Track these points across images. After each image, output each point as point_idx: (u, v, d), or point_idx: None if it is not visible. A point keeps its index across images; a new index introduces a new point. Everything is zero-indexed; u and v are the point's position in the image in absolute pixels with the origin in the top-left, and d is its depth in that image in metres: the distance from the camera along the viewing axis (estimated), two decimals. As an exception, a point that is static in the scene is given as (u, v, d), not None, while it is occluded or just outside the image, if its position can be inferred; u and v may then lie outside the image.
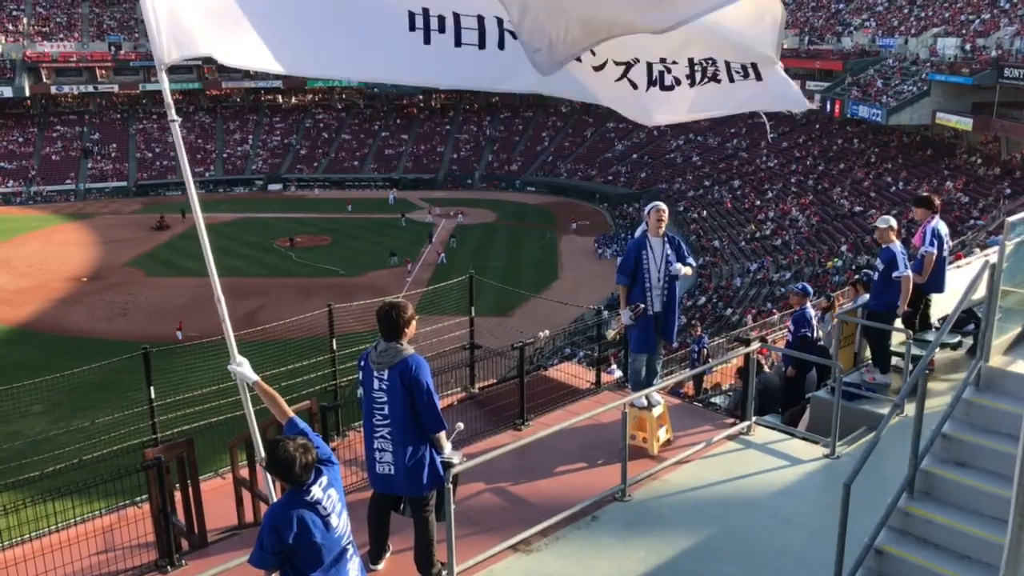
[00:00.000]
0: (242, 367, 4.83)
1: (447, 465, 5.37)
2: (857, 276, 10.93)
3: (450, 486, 5.34)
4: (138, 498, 6.80)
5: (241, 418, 8.59)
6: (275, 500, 4.42)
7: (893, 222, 8.71)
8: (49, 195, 66.45)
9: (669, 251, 7.49)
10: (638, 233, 7.73)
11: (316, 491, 3.94)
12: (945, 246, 8.91)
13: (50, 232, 54.56)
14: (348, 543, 4.12)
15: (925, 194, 9.37)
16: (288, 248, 50.23)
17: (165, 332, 33.32)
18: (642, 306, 7.50)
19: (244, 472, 6.89)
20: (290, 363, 9.33)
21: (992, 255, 6.87)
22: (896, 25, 58.95)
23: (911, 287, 8.35)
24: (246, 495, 6.75)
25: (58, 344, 32.99)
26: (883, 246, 8.66)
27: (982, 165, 44.15)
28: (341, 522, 4.06)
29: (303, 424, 4.39)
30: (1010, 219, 5.82)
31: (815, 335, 9.72)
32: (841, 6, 67.04)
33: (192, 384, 9.80)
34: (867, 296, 9.33)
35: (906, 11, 60.16)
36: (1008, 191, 38.96)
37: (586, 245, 50.74)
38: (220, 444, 7.56)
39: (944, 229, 8.90)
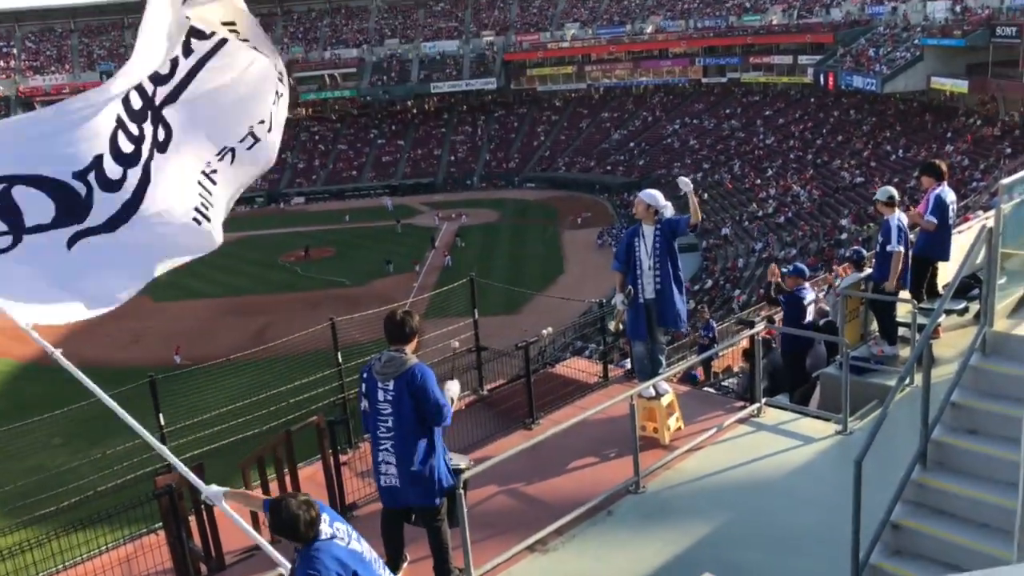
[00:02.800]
0: (211, 491, 4.81)
1: (456, 471, 5.37)
2: (848, 254, 10.77)
3: (461, 491, 5.33)
4: (155, 525, 6.82)
5: (252, 438, 8.62)
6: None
7: (893, 193, 8.63)
8: (52, 228, 66.66)
9: (659, 240, 7.47)
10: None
11: (324, 528, 3.91)
12: (950, 213, 8.81)
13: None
14: (377, 563, 4.13)
15: (932, 161, 9.22)
16: (301, 260, 50.23)
17: (185, 355, 33.53)
18: (629, 288, 7.56)
19: (258, 491, 6.90)
20: (297, 379, 9.33)
21: (991, 218, 6.81)
22: (884, -8, 58.71)
23: (901, 261, 8.27)
24: (261, 515, 6.74)
25: (72, 376, 33.06)
26: (884, 218, 8.59)
27: (982, 127, 43.88)
28: (364, 547, 4.06)
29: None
30: (1005, 182, 5.78)
31: (807, 318, 9.52)
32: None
33: (203, 406, 9.82)
34: (858, 274, 9.28)
35: (893, -23, 59.88)
36: (1008, 151, 38.72)
37: (589, 238, 50.64)
38: (232, 465, 7.57)
39: (951, 196, 8.75)
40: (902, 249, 8.26)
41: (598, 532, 6.28)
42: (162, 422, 7.75)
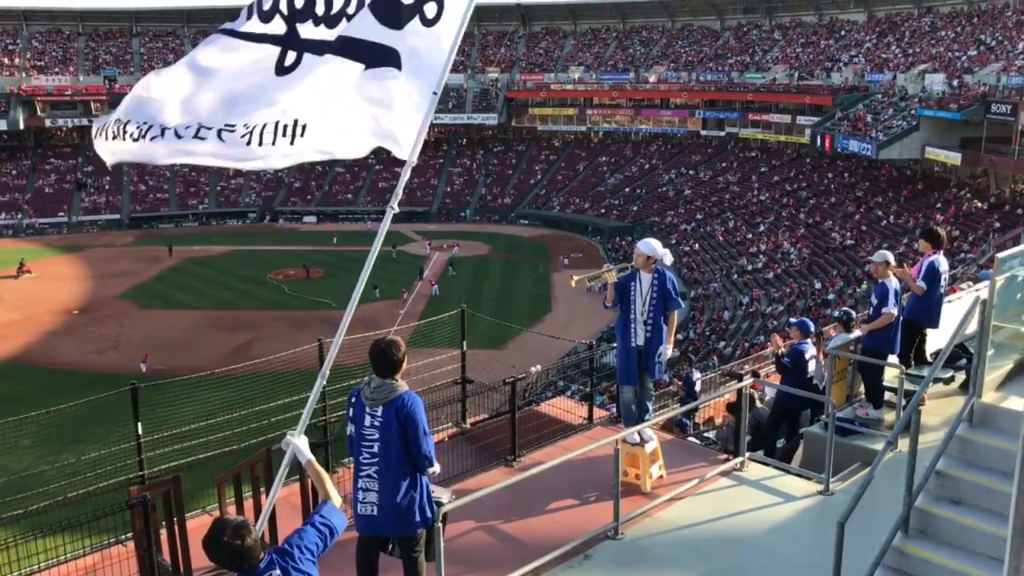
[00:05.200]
0: (301, 443, 4.58)
1: (436, 504, 5.30)
2: (837, 314, 10.82)
3: (439, 525, 5.26)
4: (123, 536, 6.69)
5: (229, 455, 8.50)
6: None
7: (890, 257, 8.72)
8: (41, 227, 66.40)
9: (655, 289, 7.48)
10: None
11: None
12: (942, 282, 8.92)
13: (42, 265, 54.35)
14: None
15: (934, 228, 9.37)
16: (302, 279, 50.02)
17: (156, 365, 33.16)
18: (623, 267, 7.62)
19: (232, 510, 6.79)
20: (280, 397, 9.24)
21: (983, 290, 6.88)
22: (885, 60, 59.80)
23: (887, 323, 8.34)
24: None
25: (48, 377, 32.71)
26: (879, 281, 8.66)
27: (972, 199, 44.52)
28: None
29: (330, 511, 3.99)
30: (1000, 255, 5.84)
31: (809, 372, 9.55)
32: (830, 43, 68.00)
33: (181, 418, 9.69)
34: (846, 335, 9.33)
35: (894, 48, 61.07)
36: (997, 225, 39.25)
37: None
38: (208, 480, 7.45)
39: (944, 265, 8.91)
40: (895, 312, 8.33)
41: (574, 575, 6.20)
42: (140, 431, 7.64)
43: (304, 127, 4.64)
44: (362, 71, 4.70)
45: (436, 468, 5.31)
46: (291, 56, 4.79)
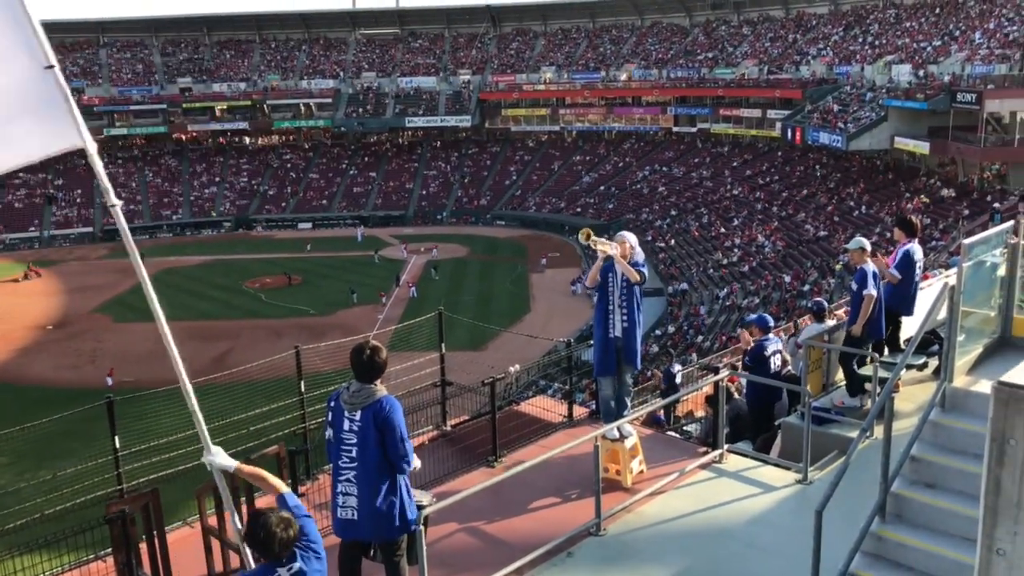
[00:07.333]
0: (217, 457, 4.74)
1: (417, 507, 5.30)
2: (809, 305, 10.91)
3: (421, 528, 5.26)
4: (103, 552, 6.62)
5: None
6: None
7: (865, 243, 8.83)
8: (12, 243, 65.48)
9: (626, 277, 7.58)
10: None
11: (283, 574, 3.85)
12: (917, 270, 9.05)
13: (13, 280, 53.64)
14: None
15: (907, 217, 9.50)
16: (283, 286, 49.83)
17: (133, 378, 32.79)
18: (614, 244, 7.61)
19: (212, 520, 6.74)
20: (258, 406, 9.18)
21: (952, 276, 6.97)
22: (852, 52, 60.44)
23: (871, 307, 8.45)
24: (215, 544, 6.60)
25: (24, 394, 32.25)
26: (857, 267, 8.76)
27: (941, 187, 45.09)
28: None
29: (294, 500, 4.29)
30: (967, 241, 5.93)
31: (773, 368, 9.61)
32: (798, 36, 68.62)
33: (158, 431, 9.60)
34: (819, 325, 9.43)
35: (861, 40, 61.73)
36: (966, 212, 39.78)
37: (556, 277, 50.81)
38: (188, 491, 7.39)
39: (918, 254, 9.05)
40: (875, 293, 8.43)
41: (558, 573, 6.22)
42: (117, 445, 7.56)
43: None
44: None
45: (416, 464, 5.32)
46: None
